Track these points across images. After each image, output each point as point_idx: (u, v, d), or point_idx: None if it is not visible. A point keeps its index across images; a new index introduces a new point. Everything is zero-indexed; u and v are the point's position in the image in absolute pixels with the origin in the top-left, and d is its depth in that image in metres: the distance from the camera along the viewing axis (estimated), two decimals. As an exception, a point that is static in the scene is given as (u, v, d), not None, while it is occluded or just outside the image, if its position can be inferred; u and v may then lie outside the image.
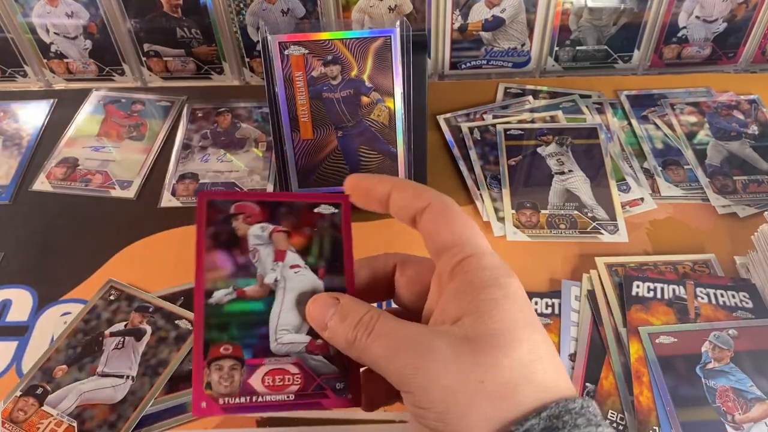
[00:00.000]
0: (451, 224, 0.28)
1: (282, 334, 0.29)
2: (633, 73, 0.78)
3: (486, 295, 0.25)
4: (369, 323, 0.27)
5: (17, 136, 0.72)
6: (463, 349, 0.24)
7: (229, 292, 0.29)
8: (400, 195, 0.29)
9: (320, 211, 0.30)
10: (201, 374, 0.28)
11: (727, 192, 0.62)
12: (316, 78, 0.56)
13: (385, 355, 0.26)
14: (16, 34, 0.74)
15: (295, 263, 0.30)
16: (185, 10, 0.71)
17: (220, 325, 0.28)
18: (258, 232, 0.30)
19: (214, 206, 0.29)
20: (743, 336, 0.49)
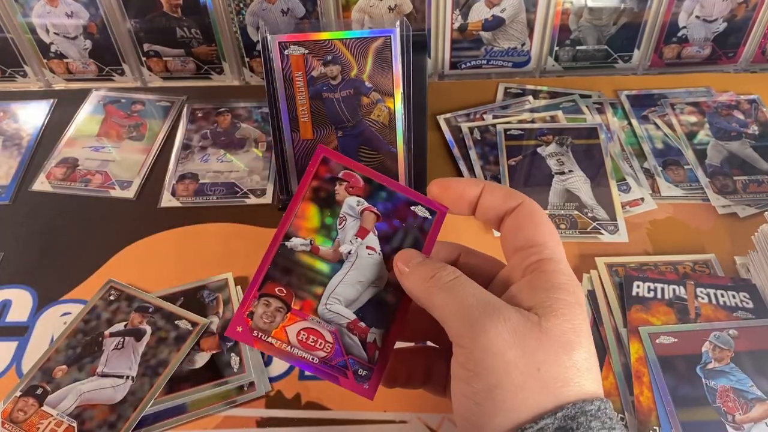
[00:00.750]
0: (537, 225, 0.30)
1: (333, 301, 0.30)
2: (633, 73, 0.78)
3: (561, 296, 0.27)
4: (453, 272, 0.29)
5: (17, 136, 0.71)
6: (534, 333, 0.25)
7: (306, 243, 0.30)
8: (491, 196, 0.31)
9: (415, 211, 0.32)
10: (249, 302, 0.29)
11: (727, 192, 0.62)
12: (315, 78, 0.56)
13: (460, 303, 0.27)
14: (15, 34, 0.74)
15: (372, 246, 0.31)
16: (185, 9, 0.71)
17: (285, 268, 0.30)
18: (353, 204, 0.31)
19: (327, 164, 0.31)
20: (743, 336, 0.49)
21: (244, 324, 0.29)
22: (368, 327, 0.30)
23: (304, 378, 0.49)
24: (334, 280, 0.30)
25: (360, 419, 0.47)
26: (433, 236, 0.31)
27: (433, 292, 0.28)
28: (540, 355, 0.25)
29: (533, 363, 0.25)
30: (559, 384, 0.25)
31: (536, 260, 0.28)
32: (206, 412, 0.47)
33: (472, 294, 0.27)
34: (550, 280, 0.27)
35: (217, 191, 0.64)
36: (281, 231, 0.30)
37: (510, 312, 0.26)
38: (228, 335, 0.29)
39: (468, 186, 0.31)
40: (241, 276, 0.56)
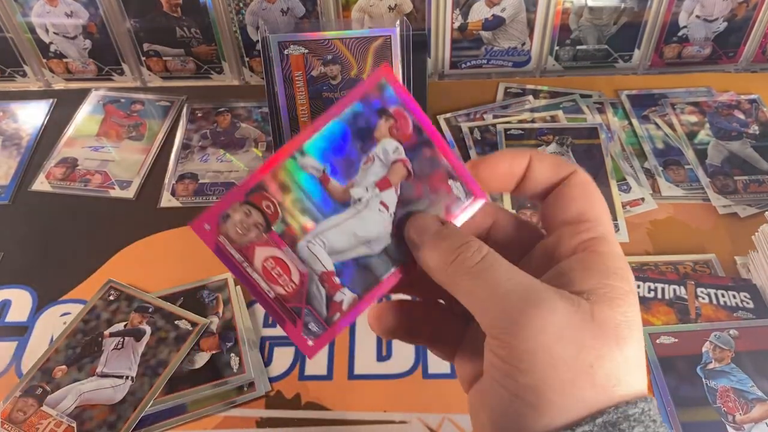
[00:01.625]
0: (591, 198, 0.26)
1: (317, 242, 0.26)
2: (633, 73, 0.78)
3: (616, 282, 0.24)
4: (478, 250, 0.24)
5: (16, 136, 0.71)
6: (586, 324, 0.22)
7: (319, 168, 0.26)
8: (541, 166, 0.27)
9: (452, 186, 0.27)
10: (228, 203, 0.25)
11: (727, 192, 0.62)
12: (315, 77, 0.55)
13: (493, 291, 0.23)
14: (15, 33, 0.74)
15: (387, 204, 0.27)
16: (185, 9, 0.71)
17: (283, 184, 0.26)
18: (389, 148, 0.27)
19: (383, 90, 0.26)
20: (744, 336, 0.49)
21: (214, 223, 0.25)
22: (341, 285, 0.27)
23: (304, 378, 0.49)
24: (329, 222, 0.26)
25: (360, 420, 0.47)
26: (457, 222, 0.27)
27: (457, 277, 0.24)
28: (593, 351, 0.22)
29: (585, 359, 0.22)
30: (612, 382, 0.22)
31: (590, 238, 0.25)
32: (206, 413, 0.47)
33: (508, 278, 0.23)
34: (605, 263, 0.24)
35: (216, 191, 0.64)
36: (298, 142, 0.25)
37: (556, 300, 0.23)
38: (191, 227, 0.25)
39: (514, 159, 0.27)
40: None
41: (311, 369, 0.50)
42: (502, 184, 0.28)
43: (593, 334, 0.22)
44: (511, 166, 0.27)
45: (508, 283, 0.23)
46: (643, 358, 0.24)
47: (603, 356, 0.22)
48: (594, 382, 0.22)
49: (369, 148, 0.26)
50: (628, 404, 0.22)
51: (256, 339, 0.51)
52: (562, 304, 0.22)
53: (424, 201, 0.27)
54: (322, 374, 0.49)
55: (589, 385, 0.22)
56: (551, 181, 0.27)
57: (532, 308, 0.22)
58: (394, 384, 0.48)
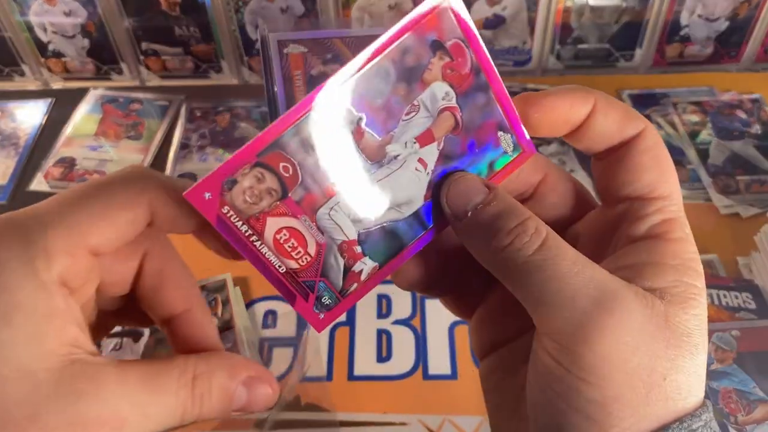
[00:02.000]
0: (663, 167, 0.22)
1: (339, 211, 0.22)
2: (635, 72, 0.77)
3: (692, 280, 0.20)
4: (536, 233, 0.20)
5: (14, 136, 0.71)
6: (662, 332, 0.19)
7: (354, 119, 0.21)
8: (606, 118, 0.22)
9: (501, 138, 0.23)
10: (236, 167, 0.21)
11: (729, 192, 0.62)
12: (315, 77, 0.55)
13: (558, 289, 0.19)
14: (13, 32, 0.74)
15: (426, 161, 0.22)
16: (183, 8, 0.71)
17: (305, 142, 0.21)
18: (439, 94, 0.22)
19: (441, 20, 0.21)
20: (746, 337, 0.49)
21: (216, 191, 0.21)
22: (362, 254, 0.23)
23: (304, 379, 0.49)
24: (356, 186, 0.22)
25: (360, 421, 0.46)
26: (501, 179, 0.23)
27: (510, 267, 0.20)
28: (667, 362, 0.19)
29: (660, 371, 0.19)
30: (683, 395, 0.20)
31: (662, 220, 0.21)
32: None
33: (576, 271, 0.19)
34: (680, 254, 0.21)
35: (215, 191, 0.64)
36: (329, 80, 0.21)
37: (631, 301, 0.19)
38: (186, 196, 0.20)
39: (575, 103, 0.22)
40: (240, 276, 0.55)
41: (310, 370, 0.49)
42: (553, 129, 0.23)
43: (668, 343, 0.19)
44: (569, 112, 0.22)
45: (577, 279, 0.19)
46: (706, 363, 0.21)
47: (677, 368, 0.19)
48: (667, 395, 0.19)
49: (415, 93, 0.21)
50: (693, 417, 0.20)
51: (255, 340, 0.51)
52: (638, 307, 0.19)
53: (467, 158, 0.23)
54: (321, 375, 0.49)
55: (662, 399, 0.19)
56: (615, 138, 0.22)
57: (606, 313, 0.19)
58: (394, 385, 0.48)
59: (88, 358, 0.19)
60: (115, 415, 0.19)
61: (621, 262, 0.21)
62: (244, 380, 0.22)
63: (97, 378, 0.19)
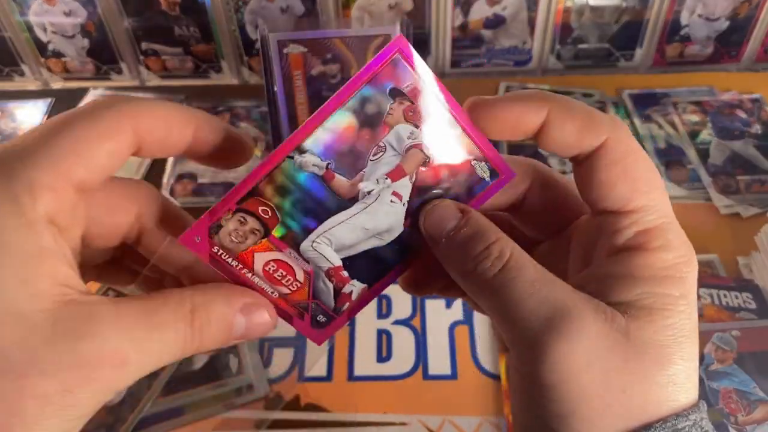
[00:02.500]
0: (634, 178, 0.21)
1: (323, 241, 0.24)
2: (635, 72, 0.77)
3: (663, 289, 0.20)
4: (499, 257, 0.21)
5: (14, 136, 0.71)
6: (619, 348, 0.20)
7: (321, 165, 0.23)
8: (559, 130, 0.21)
9: (475, 167, 0.24)
10: (221, 213, 0.23)
11: (730, 192, 0.62)
12: (315, 77, 0.55)
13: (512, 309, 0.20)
14: (13, 32, 0.74)
15: (400, 193, 0.24)
16: (183, 8, 0.71)
17: (281, 187, 0.23)
18: (403, 134, 0.23)
19: (396, 66, 0.22)
20: (746, 337, 0.49)
21: (205, 236, 0.23)
22: (350, 278, 0.24)
23: (304, 380, 0.49)
24: (335, 219, 0.24)
25: (360, 421, 0.46)
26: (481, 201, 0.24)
27: (477, 289, 0.21)
28: (626, 375, 0.20)
29: (617, 385, 0.19)
30: (650, 407, 0.20)
31: (637, 232, 0.21)
32: (204, 415, 0.47)
33: (531, 293, 0.20)
34: (653, 264, 0.20)
35: (215, 191, 0.64)
36: (296, 140, 0.22)
37: (586, 319, 0.20)
38: (180, 241, 0.23)
39: (524, 112, 0.22)
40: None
41: (311, 370, 0.49)
42: (503, 137, 0.23)
43: (626, 357, 0.20)
44: (518, 121, 0.22)
45: (531, 300, 0.20)
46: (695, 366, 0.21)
47: (638, 380, 0.20)
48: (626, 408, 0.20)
49: (380, 136, 0.23)
50: (678, 417, 0.20)
51: (255, 340, 0.51)
52: (593, 324, 0.20)
53: (443, 186, 0.24)
54: (321, 376, 0.49)
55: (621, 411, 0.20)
56: (575, 149, 0.22)
57: (556, 332, 0.19)
58: (394, 385, 0.48)
59: (82, 297, 0.19)
60: (116, 353, 0.18)
61: (595, 275, 0.22)
62: (241, 308, 0.22)
63: (94, 317, 0.18)
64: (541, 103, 0.22)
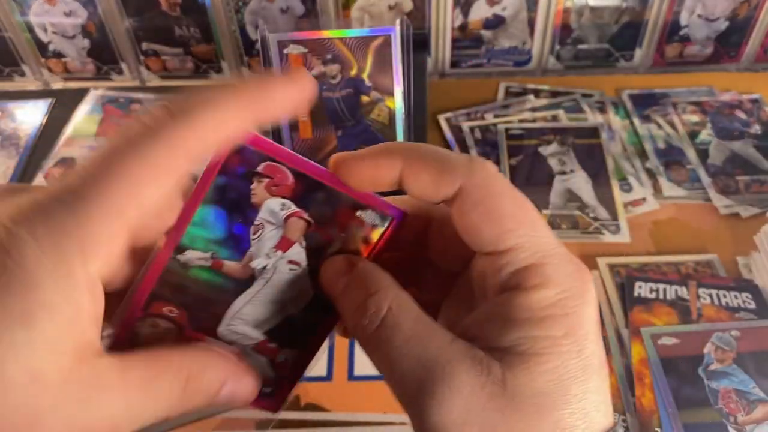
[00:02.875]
0: (496, 218, 0.21)
1: (238, 322, 0.24)
2: (635, 72, 0.77)
3: (540, 332, 0.20)
4: (375, 313, 0.21)
5: (15, 136, 0.71)
6: (494, 402, 0.19)
7: (206, 258, 0.23)
8: (414, 182, 0.21)
9: (362, 217, 0.24)
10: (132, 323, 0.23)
11: (729, 192, 0.62)
12: (315, 77, 0.55)
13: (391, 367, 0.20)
14: (13, 32, 0.74)
15: (296, 260, 0.24)
16: (184, 8, 0.71)
17: (176, 286, 0.23)
18: (275, 208, 0.23)
19: (240, 152, 0.22)
20: (746, 337, 0.49)
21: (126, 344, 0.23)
22: (278, 348, 0.25)
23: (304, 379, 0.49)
24: (240, 300, 0.24)
25: (359, 421, 0.46)
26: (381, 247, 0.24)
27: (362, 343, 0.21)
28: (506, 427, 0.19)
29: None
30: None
31: (511, 273, 0.20)
32: (205, 414, 0.47)
33: (404, 353, 0.20)
34: (530, 305, 0.20)
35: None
36: (171, 243, 0.23)
37: (460, 375, 0.19)
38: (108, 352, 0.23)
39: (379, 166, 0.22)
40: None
41: (311, 370, 0.49)
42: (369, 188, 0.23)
43: (504, 413, 0.19)
44: (376, 175, 0.22)
45: (405, 361, 0.20)
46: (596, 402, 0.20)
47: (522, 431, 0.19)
48: None
49: (252, 216, 0.23)
50: None
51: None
52: (466, 379, 0.19)
53: (337, 242, 0.24)
54: (321, 375, 0.49)
55: None
56: (435, 198, 0.21)
57: (428, 395, 0.19)
58: (394, 385, 0.48)
59: (95, 358, 0.19)
60: (110, 423, 0.19)
61: (479, 317, 0.21)
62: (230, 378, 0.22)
63: (101, 383, 0.19)
64: (395, 157, 0.22)
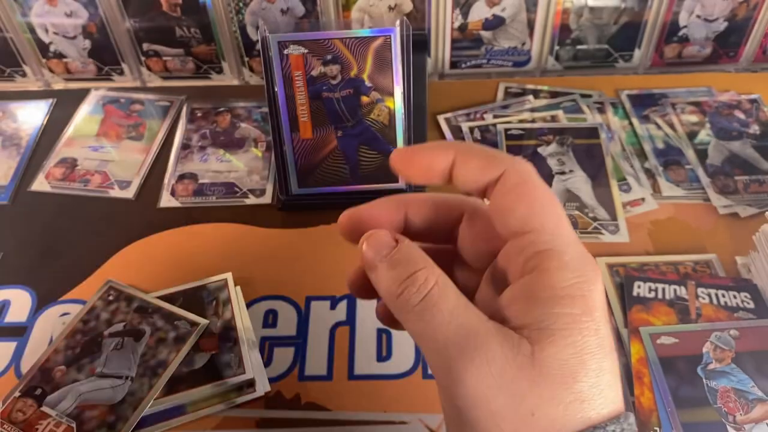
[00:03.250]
0: (529, 201, 0.24)
1: None
2: (634, 73, 0.78)
3: (562, 309, 0.21)
4: (424, 284, 0.23)
5: (16, 136, 0.71)
6: (525, 372, 0.21)
7: None
8: (465, 167, 0.24)
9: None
10: None
11: (728, 192, 0.62)
12: (315, 77, 0.55)
13: (432, 337, 0.22)
14: (14, 33, 0.74)
15: None
16: (184, 9, 0.71)
17: None
18: None
19: None
20: (744, 336, 0.49)
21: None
22: None
23: (304, 378, 0.49)
24: None
25: (360, 420, 0.46)
26: None
27: (403, 314, 0.23)
28: (533, 399, 0.21)
29: (526, 408, 0.21)
30: (557, 426, 0.21)
31: (534, 253, 0.23)
32: (205, 413, 0.47)
33: (448, 321, 0.22)
34: (552, 285, 0.22)
35: (216, 191, 0.64)
36: None
37: (494, 347, 0.21)
38: None
39: (435, 156, 0.25)
40: (241, 276, 0.55)
41: (311, 369, 0.50)
42: (425, 179, 0.26)
43: (532, 381, 0.21)
44: (431, 164, 0.25)
45: (448, 329, 0.22)
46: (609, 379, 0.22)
47: (545, 402, 0.21)
48: (538, 427, 0.21)
49: None
50: (596, 428, 0.21)
51: (256, 339, 0.51)
52: (500, 351, 0.21)
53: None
54: (321, 374, 0.49)
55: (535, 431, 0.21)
56: (482, 182, 0.25)
57: (467, 359, 0.21)
58: (394, 384, 0.48)
59: None
60: None
61: (503, 301, 0.23)
62: None
63: None
64: (447, 150, 0.25)
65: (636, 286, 0.53)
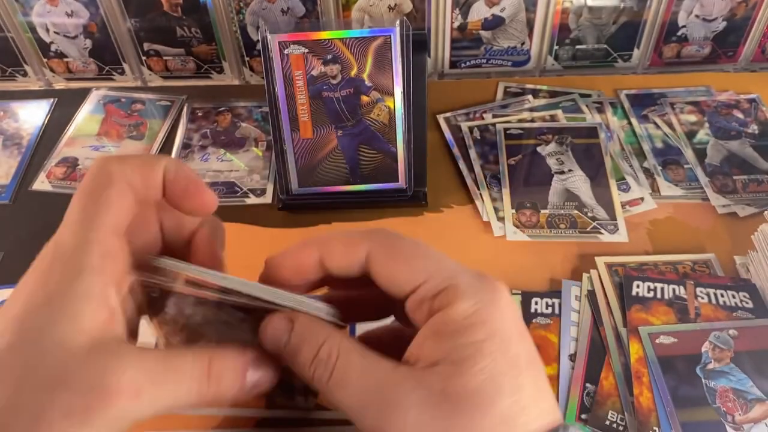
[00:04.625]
0: (405, 260, 0.25)
1: None
2: (633, 72, 0.78)
3: (466, 339, 0.22)
4: (327, 361, 0.24)
5: (17, 136, 0.71)
6: (439, 410, 0.22)
7: None
8: (331, 258, 0.26)
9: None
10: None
11: (727, 191, 0.62)
12: (315, 77, 0.56)
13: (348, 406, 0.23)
14: (15, 33, 0.74)
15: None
16: (185, 9, 0.71)
17: None
18: None
19: None
20: (743, 336, 0.49)
21: None
22: None
23: (304, 377, 0.49)
24: None
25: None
26: None
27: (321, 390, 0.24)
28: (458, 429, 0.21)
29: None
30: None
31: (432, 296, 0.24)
32: (206, 412, 0.47)
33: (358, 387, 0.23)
34: (453, 319, 0.23)
35: (217, 191, 0.64)
36: None
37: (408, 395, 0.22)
38: None
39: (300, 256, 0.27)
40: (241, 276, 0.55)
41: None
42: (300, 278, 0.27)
43: (448, 414, 0.21)
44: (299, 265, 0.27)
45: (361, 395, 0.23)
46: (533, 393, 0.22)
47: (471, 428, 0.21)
48: None
49: None
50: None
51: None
52: (413, 397, 0.22)
53: None
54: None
55: None
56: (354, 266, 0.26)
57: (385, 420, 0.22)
58: (393, 383, 0.48)
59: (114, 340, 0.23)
60: (132, 384, 0.21)
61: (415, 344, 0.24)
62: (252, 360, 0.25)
63: (121, 355, 0.22)
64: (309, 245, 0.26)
65: (635, 285, 0.53)
